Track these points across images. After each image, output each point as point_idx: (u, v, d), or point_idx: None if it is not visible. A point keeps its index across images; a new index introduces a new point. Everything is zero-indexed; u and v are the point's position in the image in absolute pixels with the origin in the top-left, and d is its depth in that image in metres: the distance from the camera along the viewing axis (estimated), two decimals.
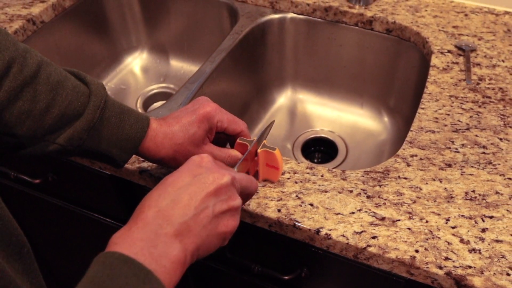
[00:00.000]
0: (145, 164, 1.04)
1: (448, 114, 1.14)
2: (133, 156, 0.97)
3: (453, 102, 1.17)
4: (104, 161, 0.87)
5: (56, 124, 0.79)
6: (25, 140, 0.79)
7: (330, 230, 0.91)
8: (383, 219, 0.93)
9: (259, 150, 0.93)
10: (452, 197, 0.96)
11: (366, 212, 0.94)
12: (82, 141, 0.81)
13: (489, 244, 0.88)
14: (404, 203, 0.95)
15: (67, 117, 0.79)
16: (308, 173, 1.01)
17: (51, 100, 0.78)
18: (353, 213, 0.94)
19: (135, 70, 1.83)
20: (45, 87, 0.78)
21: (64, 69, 0.83)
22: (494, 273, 0.84)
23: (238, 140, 0.93)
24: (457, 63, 1.28)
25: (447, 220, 0.92)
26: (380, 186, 0.99)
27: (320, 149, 1.59)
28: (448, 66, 1.27)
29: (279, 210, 0.94)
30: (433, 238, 0.89)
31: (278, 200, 0.96)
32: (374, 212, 0.94)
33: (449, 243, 0.89)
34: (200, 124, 0.87)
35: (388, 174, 1.01)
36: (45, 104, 0.77)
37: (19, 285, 0.54)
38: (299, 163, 1.04)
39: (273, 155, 0.93)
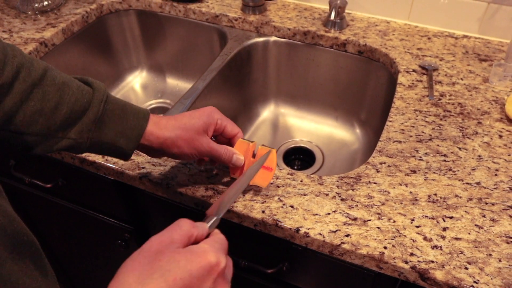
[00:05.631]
0: (144, 170, 1.03)
1: (413, 126, 1.14)
2: (133, 162, 0.96)
3: (417, 116, 1.17)
4: (113, 153, 0.85)
5: (66, 121, 0.78)
6: (41, 138, 0.78)
7: (309, 229, 0.90)
8: (355, 219, 0.92)
9: (259, 147, 0.92)
10: (416, 200, 0.96)
11: (340, 213, 0.93)
12: (91, 133, 0.80)
13: (449, 242, 0.88)
14: (374, 205, 0.95)
15: (75, 113, 0.79)
16: (289, 178, 1.01)
17: (59, 99, 0.78)
18: (328, 214, 0.93)
19: (135, 87, 1.82)
20: (53, 88, 0.78)
21: (71, 76, 0.83)
22: (454, 267, 0.84)
23: (239, 140, 0.92)
24: (421, 81, 1.28)
25: (412, 220, 0.92)
26: (352, 190, 0.98)
27: (299, 157, 1.59)
28: (413, 83, 1.27)
29: (263, 211, 0.94)
30: (399, 236, 0.89)
31: (262, 203, 0.96)
32: (348, 213, 0.93)
33: (414, 241, 0.88)
34: (201, 117, 0.87)
35: (360, 179, 1.01)
36: (54, 103, 0.77)
37: (26, 283, 0.53)
38: (281, 169, 1.03)
39: (271, 153, 0.92)
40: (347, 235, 0.89)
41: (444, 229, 0.91)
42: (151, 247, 0.59)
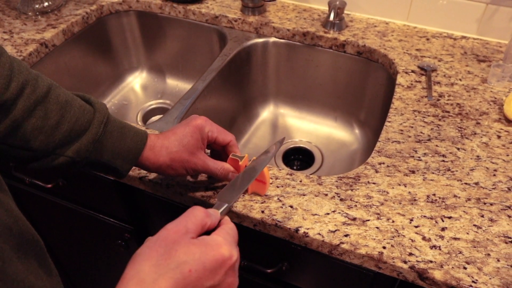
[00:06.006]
0: (144, 171, 1.03)
1: (412, 127, 1.14)
2: None
3: (416, 116, 1.17)
4: (109, 172, 0.87)
5: (65, 139, 0.79)
6: (38, 154, 0.79)
7: (308, 229, 0.90)
8: (354, 219, 0.92)
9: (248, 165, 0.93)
10: (415, 200, 0.96)
11: (339, 213, 0.93)
12: (88, 153, 0.81)
13: (448, 242, 0.88)
14: (373, 205, 0.95)
15: (75, 132, 0.80)
16: (288, 178, 1.01)
17: (60, 117, 0.78)
18: (328, 214, 0.93)
19: (135, 88, 1.82)
20: (55, 106, 0.78)
21: (71, 93, 0.83)
22: (452, 267, 0.84)
23: (230, 156, 0.92)
24: (419, 81, 1.28)
25: (411, 220, 0.92)
26: (351, 190, 0.98)
27: (299, 158, 1.59)
28: (412, 84, 1.27)
29: (262, 211, 0.94)
30: (398, 236, 0.89)
31: (262, 203, 0.96)
32: (347, 213, 0.93)
33: (412, 241, 0.88)
34: (193, 134, 0.87)
35: (359, 180, 1.01)
36: (55, 121, 0.78)
37: (32, 281, 0.53)
38: (280, 170, 1.03)
39: (261, 171, 0.93)
40: (346, 235, 0.89)
41: (443, 229, 0.91)
42: (167, 236, 0.61)
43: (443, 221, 0.92)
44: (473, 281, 0.82)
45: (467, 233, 0.90)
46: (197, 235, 0.65)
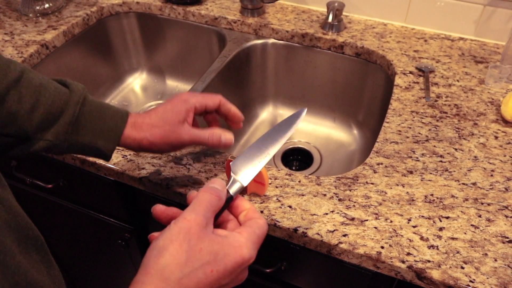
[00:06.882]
0: (145, 171, 1.03)
1: (410, 127, 1.14)
2: (134, 163, 0.96)
3: (414, 117, 1.17)
4: (93, 154, 0.85)
5: (43, 123, 0.78)
6: (17, 139, 0.79)
7: (306, 229, 0.90)
8: (352, 219, 0.92)
9: None
10: (413, 200, 0.96)
11: (338, 213, 0.93)
12: (67, 135, 0.80)
13: (445, 241, 0.88)
14: (371, 205, 0.95)
15: (52, 115, 0.79)
16: (287, 179, 1.01)
17: (35, 101, 0.78)
18: (326, 214, 0.93)
19: (135, 89, 1.82)
20: (29, 90, 0.78)
21: (47, 77, 0.83)
22: (450, 267, 0.84)
23: (229, 158, 0.91)
24: (417, 82, 1.28)
25: (409, 220, 0.92)
26: (350, 190, 0.98)
27: (297, 158, 1.59)
28: (409, 85, 1.27)
29: (261, 211, 0.94)
30: (396, 236, 0.89)
31: (261, 203, 0.95)
32: (345, 213, 0.93)
33: (410, 240, 0.88)
34: (174, 108, 0.85)
35: (357, 180, 1.01)
36: (30, 105, 0.77)
37: (34, 275, 0.53)
38: (279, 170, 1.03)
39: (260, 172, 0.92)
40: (344, 235, 0.89)
41: (441, 229, 0.91)
42: (189, 229, 0.61)
43: (440, 221, 0.92)
44: (470, 281, 0.82)
45: (465, 233, 0.90)
46: (215, 219, 0.65)
